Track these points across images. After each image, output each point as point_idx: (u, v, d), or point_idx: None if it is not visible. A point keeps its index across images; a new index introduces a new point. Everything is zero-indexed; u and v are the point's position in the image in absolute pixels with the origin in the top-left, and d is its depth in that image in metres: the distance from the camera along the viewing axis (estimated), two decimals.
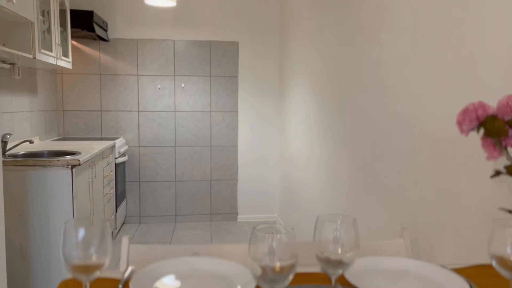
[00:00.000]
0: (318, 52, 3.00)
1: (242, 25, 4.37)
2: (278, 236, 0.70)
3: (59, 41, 3.28)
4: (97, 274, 0.75)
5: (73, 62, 4.13)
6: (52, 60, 3.13)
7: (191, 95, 4.38)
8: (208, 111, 4.42)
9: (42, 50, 2.90)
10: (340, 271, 0.78)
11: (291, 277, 0.72)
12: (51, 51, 3.10)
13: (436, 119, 1.45)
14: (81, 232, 0.74)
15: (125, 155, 4.14)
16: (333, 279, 0.82)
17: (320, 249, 0.79)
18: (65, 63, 3.49)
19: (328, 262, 0.79)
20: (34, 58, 2.78)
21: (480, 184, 1.22)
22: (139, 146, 4.36)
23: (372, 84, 2.01)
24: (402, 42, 1.70)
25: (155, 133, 4.37)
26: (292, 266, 0.73)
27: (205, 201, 4.55)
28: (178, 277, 0.97)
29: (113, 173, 3.79)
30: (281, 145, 4.42)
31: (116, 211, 3.90)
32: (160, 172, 4.43)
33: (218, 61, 4.38)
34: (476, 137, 0.94)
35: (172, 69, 4.31)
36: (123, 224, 4.35)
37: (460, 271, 1.03)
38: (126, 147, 4.20)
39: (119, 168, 4.02)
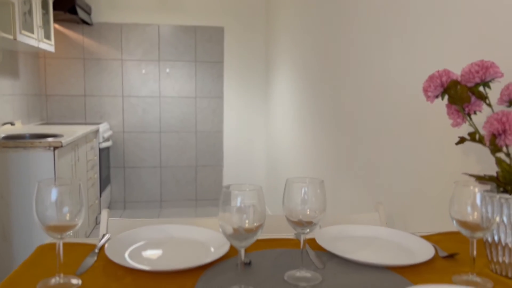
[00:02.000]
0: (303, 37, 3.02)
1: (228, 10, 4.36)
2: (247, 190, 0.73)
3: (41, 23, 3.23)
4: (70, 233, 0.77)
5: (56, 46, 4.08)
6: (33, 42, 3.09)
7: (176, 81, 4.36)
8: (193, 97, 4.41)
9: (23, 32, 2.86)
10: (307, 230, 0.81)
11: (259, 233, 0.74)
12: (33, 33, 3.06)
13: (406, 100, 1.49)
14: (54, 192, 0.76)
15: (109, 140, 4.12)
16: (301, 240, 0.85)
17: (289, 210, 0.82)
18: (48, 46, 3.45)
19: (297, 223, 0.82)
20: (15, 39, 2.74)
21: (449, 157, 1.26)
22: (123, 132, 4.34)
23: (351, 68, 2.04)
24: (379, 27, 1.72)
25: (139, 118, 4.35)
26: (260, 225, 0.75)
27: (190, 187, 4.56)
28: (154, 243, 0.99)
29: (97, 157, 3.77)
30: (266, 131, 4.45)
31: (100, 196, 3.89)
32: (145, 157, 4.43)
33: (203, 47, 4.36)
34: (443, 115, 0.96)
35: (157, 54, 4.29)
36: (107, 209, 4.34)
37: (427, 237, 1.06)
38: (110, 132, 4.18)
39: (103, 153, 4.00)
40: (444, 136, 1.30)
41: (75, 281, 0.78)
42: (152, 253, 0.93)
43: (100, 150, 3.86)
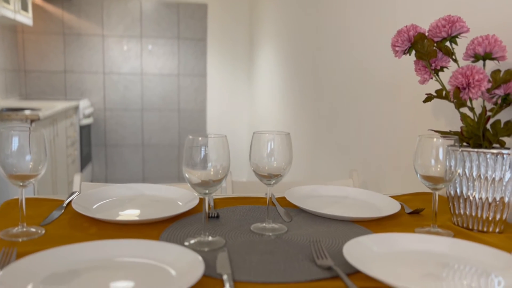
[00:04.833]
0: (286, 14, 3.00)
1: None
2: (212, 137, 0.73)
3: None
4: (32, 181, 0.76)
5: (35, 20, 3.97)
6: (10, 14, 3.00)
7: (158, 58, 4.30)
8: (175, 74, 4.36)
9: None
10: (273, 181, 0.82)
11: (224, 182, 0.75)
12: (9, 3, 2.97)
13: (381, 69, 1.49)
14: (16, 140, 0.75)
15: (90, 117, 4.06)
16: (268, 194, 0.86)
17: (256, 163, 0.82)
18: (25, 18, 3.36)
19: (264, 176, 0.82)
20: None
21: (421, 123, 1.28)
22: (104, 109, 4.28)
23: (331, 43, 2.04)
24: (357, 8, 1.72)
25: (121, 96, 4.29)
26: (225, 175, 0.76)
27: (173, 166, 4.54)
28: (123, 199, 0.99)
29: (77, 134, 3.72)
30: (250, 109, 4.43)
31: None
32: (127, 136, 4.38)
33: (186, 23, 4.30)
34: (415, 82, 0.97)
35: (139, 30, 4.21)
36: None
37: (396, 197, 1.08)
38: (91, 109, 4.12)
39: (84, 131, 3.95)
40: (415, 103, 1.31)
41: (38, 230, 0.77)
42: (120, 207, 0.93)
43: (81, 127, 3.81)
